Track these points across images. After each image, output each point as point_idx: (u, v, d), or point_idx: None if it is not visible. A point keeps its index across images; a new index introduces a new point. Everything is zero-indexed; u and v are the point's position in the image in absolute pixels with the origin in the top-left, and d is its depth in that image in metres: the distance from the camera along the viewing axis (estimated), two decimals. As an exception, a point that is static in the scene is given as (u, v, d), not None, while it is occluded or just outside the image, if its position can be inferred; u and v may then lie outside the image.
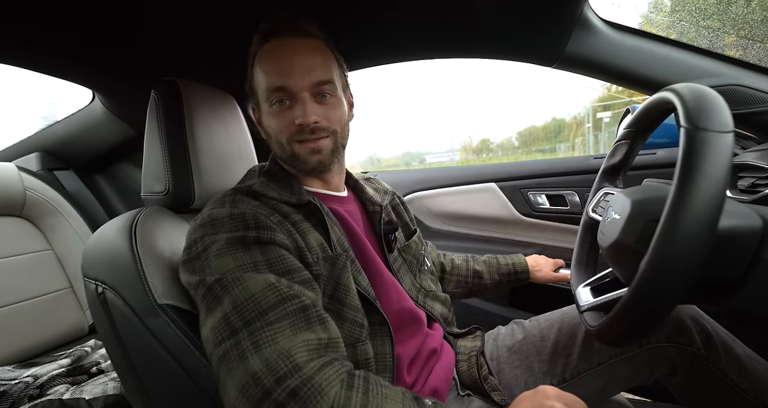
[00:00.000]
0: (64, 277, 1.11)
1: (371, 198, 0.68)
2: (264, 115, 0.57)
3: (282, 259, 0.46)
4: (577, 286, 0.58)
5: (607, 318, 0.42)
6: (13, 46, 0.67)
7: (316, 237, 0.53)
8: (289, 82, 0.52)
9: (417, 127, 38.32)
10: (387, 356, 0.54)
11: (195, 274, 0.46)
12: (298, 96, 0.53)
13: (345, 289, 0.52)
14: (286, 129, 0.54)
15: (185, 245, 0.49)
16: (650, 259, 0.34)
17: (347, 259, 0.54)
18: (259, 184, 0.55)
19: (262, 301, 0.41)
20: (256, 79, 0.56)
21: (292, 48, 0.54)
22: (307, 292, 0.46)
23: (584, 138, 8.87)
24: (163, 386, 0.51)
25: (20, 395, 0.78)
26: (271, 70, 0.53)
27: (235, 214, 0.48)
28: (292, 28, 0.55)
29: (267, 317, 0.40)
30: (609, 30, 0.74)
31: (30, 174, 1.10)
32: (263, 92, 0.55)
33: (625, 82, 0.77)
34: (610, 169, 0.64)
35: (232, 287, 0.42)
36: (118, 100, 1.01)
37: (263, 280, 0.43)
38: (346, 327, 0.51)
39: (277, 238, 0.48)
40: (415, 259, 0.72)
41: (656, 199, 0.44)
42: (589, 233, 0.64)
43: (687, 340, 0.58)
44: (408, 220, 0.79)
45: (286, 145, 0.55)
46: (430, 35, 0.79)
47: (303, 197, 0.56)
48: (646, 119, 0.53)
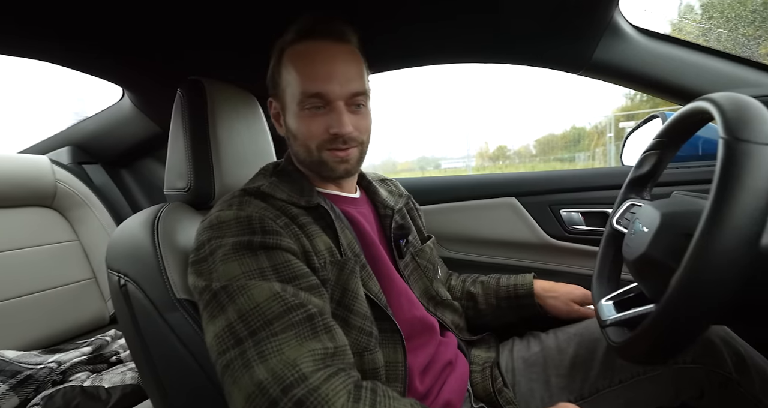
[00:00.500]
0: (88, 268, 1.15)
1: (384, 201, 0.67)
2: (291, 115, 0.55)
3: (288, 264, 0.46)
4: (598, 299, 0.56)
5: (633, 335, 0.40)
6: (46, 42, 0.70)
7: (324, 240, 0.52)
8: (328, 89, 0.51)
9: (433, 131, 38.05)
10: (399, 365, 0.53)
11: (201, 278, 0.46)
12: (333, 104, 0.52)
13: (353, 295, 0.51)
14: (318, 135, 0.53)
15: (194, 246, 0.49)
16: (683, 276, 0.33)
17: (356, 264, 0.53)
18: (267, 185, 0.54)
19: (267, 310, 0.41)
20: (285, 77, 0.54)
21: (332, 54, 0.52)
22: (314, 300, 0.45)
23: (605, 148, 8.67)
24: (179, 380, 0.52)
25: (44, 380, 0.81)
26: (309, 74, 0.52)
27: (242, 217, 0.48)
28: (332, 30, 0.53)
29: (272, 327, 0.40)
30: (640, 36, 0.72)
31: (61, 167, 1.15)
32: (296, 94, 0.53)
33: (655, 91, 0.75)
34: (637, 180, 0.61)
35: (237, 296, 0.42)
36: (145, 97, 1.04)
37: (268, 288, 0.42)
38: (352, 335, 0.49)
39: (283, 243, 0.47)
40: (431, 265, 0.70)
41: (689, 213, 0.42)
42: (613, 245, 0.62)
43: (717, 362, 0.55)
44: (421, 226, 0.77)
45: (314, 150, 0.54)
46: (454, 40, 0.79)
47: (313, 200, 0.55)
48: (679, 129, 0.51)
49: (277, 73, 0.56)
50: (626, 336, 0.44)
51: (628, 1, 0.68)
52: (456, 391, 0.59)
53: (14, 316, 0.97)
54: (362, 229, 0.59)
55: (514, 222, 1.00)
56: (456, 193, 1.07)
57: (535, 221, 0.98)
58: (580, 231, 0.93)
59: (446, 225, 1.07)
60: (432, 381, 0.58)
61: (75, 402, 0.76)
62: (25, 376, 0.79)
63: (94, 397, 0.79)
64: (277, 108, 0.59)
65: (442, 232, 1.08)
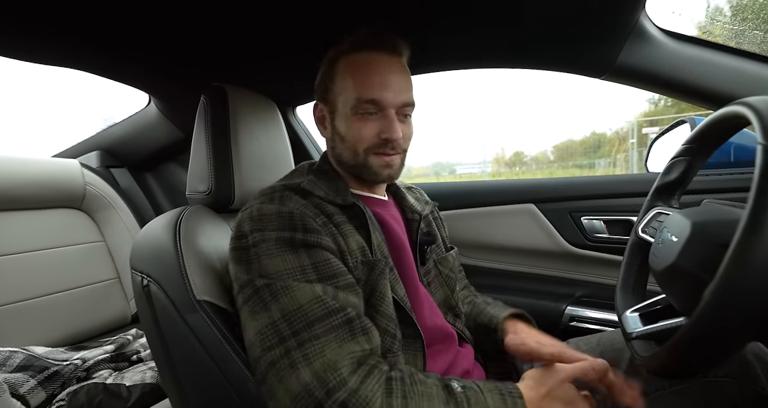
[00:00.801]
0: (112, 268, 1.19)
1: (411, 206, 0.67)
2: (342, 119, 0.57)
3: (327, 263, 0.48)
4: (623, 311, 0.54)
5: (663, 349, 0.38)
6: (80, 52, 0.73)
7: (357, 240, 0.54)
8: (383, 96, 0.55)
9: (448, 136, 37.94)
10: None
11: (242, 268, 0.48)
12: (386, 111, 0.56)
13: (380, 296, 0.52)
14: (368, 139, 0.56)
15: (234, 233, 0.51)
16: (718, 287, 0.31)
17: (386, 266, 0.54)
18: (307, 183, 0.56)
19: (310, 312, 0.43)
20: (339, 83, 0.57)
21: (387, 65, 0.57)
22: (351, 299, 0.47)
23: (627, 154, 8.44)
24: (197, 380, 0.53)
25: (70, 376, 0.84)
26: (365, 81, 0.55)
27: (284, 212, 0.49)
28: (387, 43, 0.57)
29: (314, 329, 0.42)
30: (667, 39, 0.70)
31: (90, 170, 1.20)
32: (350, 99, 0.56)
33: (684, 95, 0.72)
34: (665, 188, 0.59)
35: (280, 295, 0.44)
36: (170, 103, 1.08)
37: (311, 291, 0.44)
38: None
39: (323, 242, 0.49)
40: (454, 274, 0.70)
41: (722, 222, 0.40)
42: (638, 254, 0.60)
43: (750, 378, 0.52)
44: (444, 236, 0.76)
45: (362, 153, 0.57)
46: (474, 46, 0.78)
47: (348, 199, 0.56)
48: (711, 134, 0.49)
49: (329, 79, 0.59)
50: (654, 350, 0.42)
51: (656, 4, 0.66)
52: None
53: (43, 313, 1.01)
54: (391, 232, 0.60)
55: (533, 229, 0.98)
56: (473, 199, 1.06)
57: (554, 228, 0.95)
58: (602, 239, 0.90)
59: (462, 231, 1.06)
60: None
61: (98, 399, 0.78)
62: (52, 372, 0.82)
63: (115, 394, 0.81)
64: (323, 111, 0.61)
65: (458, 238, 1.06)
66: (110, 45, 0.70)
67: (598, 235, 0.91)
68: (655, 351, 0.41)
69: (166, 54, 0.76)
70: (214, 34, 0.70)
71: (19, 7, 0.54)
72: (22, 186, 1.03)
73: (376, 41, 0.56)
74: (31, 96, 4.67)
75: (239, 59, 0.79)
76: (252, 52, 0.77)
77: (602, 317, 0.86)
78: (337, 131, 0.59)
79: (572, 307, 0.90)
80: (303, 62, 0.82)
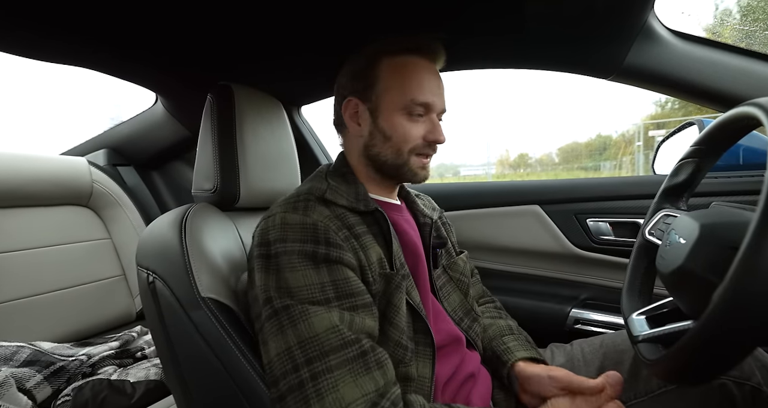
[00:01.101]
0: (118, 265, 1.20)
1: (422, 210, 0.68)
2: (387, 118, 0.58)
3: (347, 281, 0.48)
4: (629, 313, 0.54)
5: (670, 353, 0.38)
6: (89, 51, 0.74)
7: (376, 251, 0.54)
8: (434, 101, 0.58)
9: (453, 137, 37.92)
10: (426, 380, 0.52)
11: (265, 279, 0.47)
12: (432, 115, 0.59)
13: (395, 309, 0.52)
14: (415, 140, 0.58)
15: (257, 240, 0.51)
16: (727, 290, 0.30)
17: (402, 278, 0.54)
18: (330, 192, 0.56)
19: (325, 342, 0.43)
20: (385, 82, 0.58)
21: (434, 72, 0.60)
22: (368, 323, 0.47)
23: (633, 157, 8.36)
24: (201, 377, 0.53)
25: (75, 372, 0.85)
26: (419, 84, 0.57)
27: (308, 224, 0.49)
28: (433, 51, 0.60)
29: (328, 360, 0.42)
30: (676, 40, 0.69)
31: (98, 168, 1.21)
32: (401, 100, 0.57)
33: (692, 97, 0.71)
34: (672, 189, 0.59)
35: (297, 321, 0.44)
36: (177, 102, 1.09)
37: (328, 319, 0.44)
38: (390, 347, 0.50)
39: (345, 258, 0.49)
40: (466, 278, 0.70)
41: (731, 225, 0.39)
42: (644, 257, 0.59)
43: (745, 375, 0.52)
44: (454, 241, 0.77)
45: (405, 153, 0.58)
46: (479, 45, 0.78)
47: (370, 205, 0.56)
48: (720, 136, 0.49)
49: (371, 76, 0.59)
50: (661, 353, 0.41)
51: (664, 5, 0.65)
52: (480, 406, 0.58)
53: (49, 309, 1.02)
54: (407, 237, 0.60)
55: (538, 230, 0.97)
56: (477, 200, 1.06)
57: (559, 230, 0.95)
58: (608, 241, 0.90)
59: (467, 232, 1.06)
60: (453, 393, 0.57)
61: (102, 395, 0.79)
62: (58, 367, 0.83)
63: (119, 390, 0.81)
64: (356, 107, 0.60)
65: (462, 239, 1.06)
66: (117, 44, 0.71)
67: (604, 238, 0.90)
68: (662, 354, 0.41)
69: (173, 53, 0.77)
70: (221, 33, 0.70)
71: (25, 4, 0.55)
72: (31, 183, 1.05)
73: (425, 47, 0.59)
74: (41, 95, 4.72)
75: (246, 58, 0.80)
76: (259, 51, 0.77)
77: (607, 320, 0.85)
78: (380, 129, 0.58)
79: (577, 310, 0.90)
80: (309, 62, 0.82)
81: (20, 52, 0.69)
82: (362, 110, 0.60)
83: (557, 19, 0.67)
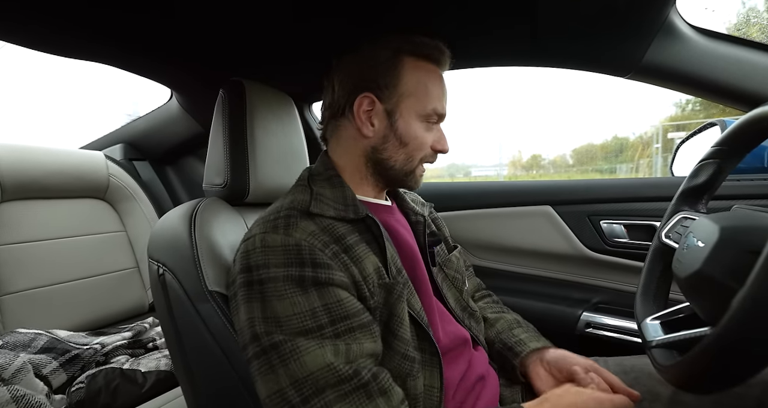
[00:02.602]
0: (132, 258, 1.23)
1: (413, 208, 0.67)
2: (406, 121, 0.56)
3: (340, 303, 0.44)
4: (643, 318, 0.52)
5: (684, 359, 0.36)
6: (105, 46, 0.75)
7: (372, 261, 0.50)
8: (445, 112, 0.59)
9: (464, 138, 37.50)
10: (434, 390, 0.50)
11: (249, 311, 0.44)
12: (439, 125, 0.60)
13: (398, 320, 0.49)
14: (426, 149, 0.58)
15: (238, 266, 0.47)
16: (747, 296, 0.29)
17: (403, 287, 0.51)
18: (315, 205, 0.52)
19: (321, 380, 0.40)
20: (408, 84, 0.56)
21: (444, 81, 0.61)
22: (367, 347, 0.44)
23: (651, 159, 8.15)
24: (206, 369, 0.53)
25: (90, 360, 0.87)
26: (439, 94, 0.58)
27: (290, 245, 0.45)
28: (446, 63, 0.60)
29: (325, 396, 0.39)
30: (698, 37, 0.67)
31: (114, 163, 1.24)
32: (424, 106, 0.56)
33: (715, 96, 0.69)
34: (691, 191, 0.56)
35: (289, 361, 0.41)
36: (191, 98, 1.10)
37: (321, 357, 0.41)
38: (396, 360, 0.48)
39: (335, 278, 0.45)
40: (460, 275, 0.69)
41: (753, 228, 0.38)
42: (660, 261, 0.57)
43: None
44: (447, 235, 0.75)
45: (416, 160, 0.58)
46: (491, 42, 0.76)
47: (360, 211, 0.53)
48: (744, 136, 0.47)
49: (394, 76, 0.55)
50: (675, 359, 0.40)
51: (687, 0, 0.63)
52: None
53: (65, 299, 1.05)
54: (401, 240, 0.58)
55: (549, 232, 0.95)
56: (489, 200, 1.04)
57: (571, 232, 0.93)
58: (623, 244, 0.87)
59: (477, 232, 1.04)
60: (463, 397, 0.55)
61: (115, 383, 0.81)
62: (73, 355, 0.85)
63: (131, 379, 0.83)
64: (372, 105, 0.56)
65: (472, 239, 1.05)
66: (131, 39, 0.72)
67: (618, 240, 0.88)
68: (677, 360, 0.39)
69: (186, 49, 0.77)
70: (234, 29, 0.70)
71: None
72: (51, 175, 1.08)
73: (440, 56, 0.59)
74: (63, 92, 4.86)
75: (258, 55, 0.80)
76: (271, 48, 0.77)
77: (620, 325, 0.83)
78: (397, 134, 0.56)
79: (588, 313, 0.88)
80: (321, 60, 0.82)
81: (34, 46, 0.70)
82: (378, 110, 0.55)
83: (574, 16, 0.65)
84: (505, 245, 1.01)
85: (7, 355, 0.74)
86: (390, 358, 0.47)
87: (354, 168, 0.58)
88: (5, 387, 0.68)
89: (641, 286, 0.58)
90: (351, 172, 0.58)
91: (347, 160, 0.59)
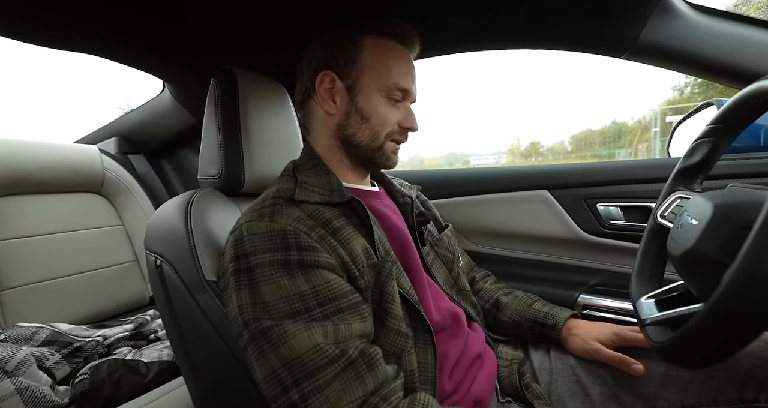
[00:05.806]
0: (131, 251, 1.23)
1: (400, 190, 0.68)
2: (367, 98, 0.56)
3: (328, 285, 0.45)
4: (638, 297, 0.53)
5: (677, 334, 0.37)
6: (96, 38, 0.74)
7: (360, 242, 0.51)
8: (412, 89, 0.58)
9: (462, 126, 37.29)
10: (429, 366, 0.52)
11: (239, 299, 0.45)
12: (407, 103, 0.59)
13: (390, 298, 0.50)
14: (391, 125, 0.57)
15: (228, 257, 0.48)
16: (738, 270, 0.29)
17: (392, 265, 0.52)
18: (299, 192, 0.53)
19: (309, 362, 0.41)
20: (366, 61, 0.56)
21: (411, 60, 0.60)
22: (355, 327, 0.44)
23: (650, 144, 8.12)
24: (207, 358, 0.54)
25: (92, 352, 0.88)
26: (401, 70, 0.57)
27: (276, 230, 0.46)
28: (412, 39, 0.59)
29: (315, 379, 0.40)
30: (695, 14, 0.65)
31: (109, 156, 1.23)
32: (384, 81, 0.56)
33: (713, 74, 0.68)
34: (686, 171, 0.56)
35: (277, 345, 0.41)
36: (183, 89, 1.09)
37: (308, 339, 0.41)
38: (390, 337, 0.49)
39: (321, 260, 0.46)
40: (451, 254, 0.70)
41: (746, 204, 0.38)
42: (655, 241, 0.58)
43: None
44: (437, 215, 0.77)
45: (382, 137, 0.57)
46: (486, 25, 0.75)
47: (345, 195, 0.54)
48: (739, 114, 0.46)
49: (353, 53, 0.56)
50: (668, 335, 0.41)
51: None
52: (485, 390, 0.58)
53: (66, 293, 1.05)
54: (389, 222, 0.59)
55: (546, 216, 0.96)
56: (486, 185, 1.04)
57: (568, 215, 0.93)
58: (619, 226, 0.87)
59: (474, 218, 1.05)
60: (461, 376, 0.57)
61: (118, 374, 0.82)
62: (76, 347, 0.86)
63: (134, 370, 0.84)
64: (333, 83, 0.57)
65: (470, 225, 1.05)
66: (124, 31, 0.71)
67: (615, 223, 0.88)
68: (669, 336, 0.40)
69: (176, 39, 0.76)
70: (224, 18, 0.69)
71: None
72: (45, 170, 1.07)
73: (404, 35, 0.58)
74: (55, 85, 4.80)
75: (249, 43, 0.79)
76: (262, 36, 0.76)
77: (616, 306, 0.84)
78: (358, 109, 0.56)
79: (585, 295, 0.89)
80: None
81: (25, 39, 0.69)
82: (339, 87, 0.56)
83: None
84: (503, 230, 1.02)
85: (10, 348, 0.75)
86: (384, 335, 0.49)
87: (329, 151, 0.60)
88: (9, 379, 0.69)
89: (636, 266, 0.58)
90: (329, 158, 0.60)
91: (322, 143, 0.60)
